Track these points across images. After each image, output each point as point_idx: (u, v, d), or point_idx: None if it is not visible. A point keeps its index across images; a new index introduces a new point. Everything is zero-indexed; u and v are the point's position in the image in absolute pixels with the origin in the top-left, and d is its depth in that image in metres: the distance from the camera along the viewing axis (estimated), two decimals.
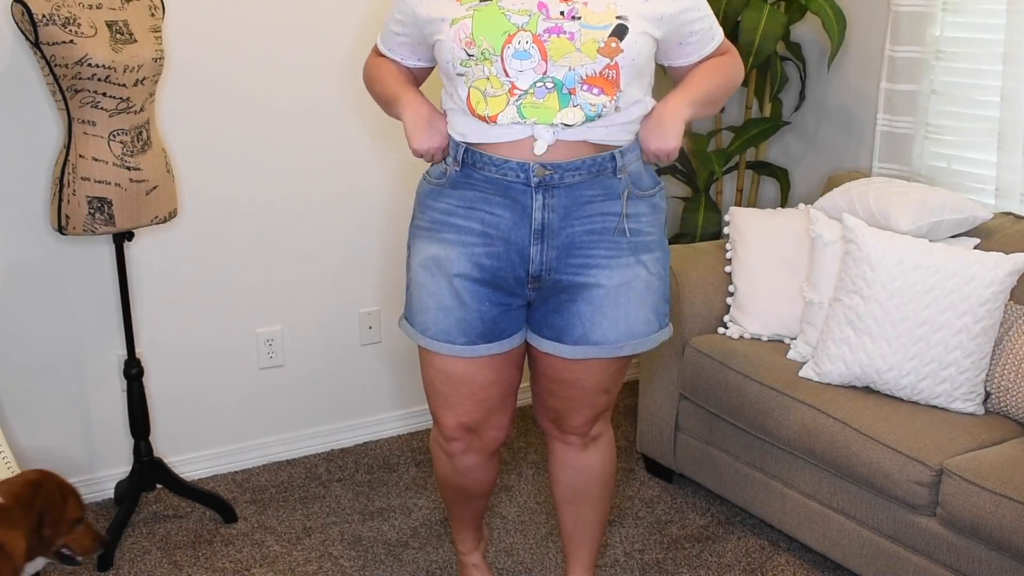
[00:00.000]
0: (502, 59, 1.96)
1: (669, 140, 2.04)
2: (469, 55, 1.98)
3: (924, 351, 2.60)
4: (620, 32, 1.97)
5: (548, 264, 2.09)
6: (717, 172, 3.48)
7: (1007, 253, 2.68)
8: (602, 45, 1.95)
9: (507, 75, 1.97)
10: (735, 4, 3.31)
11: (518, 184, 2.04)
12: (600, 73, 1.97)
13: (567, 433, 2.33)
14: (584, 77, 1.97)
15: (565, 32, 1.95)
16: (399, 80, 2.20)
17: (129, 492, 2.89)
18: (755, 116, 3.64)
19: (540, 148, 2.01)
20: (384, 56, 2.25)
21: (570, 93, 1.98)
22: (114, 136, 2.55)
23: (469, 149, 2.06)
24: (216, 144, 3.07)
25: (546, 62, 1.96)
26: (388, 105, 2.20)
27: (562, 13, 1.95)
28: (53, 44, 2.43)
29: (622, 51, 1.97)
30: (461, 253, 2.10)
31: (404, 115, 2.12)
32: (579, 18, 1.95)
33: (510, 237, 2.08)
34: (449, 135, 2.11)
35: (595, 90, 1.98)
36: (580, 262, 2.09)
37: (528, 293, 2.14)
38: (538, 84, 1.97)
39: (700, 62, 2.16)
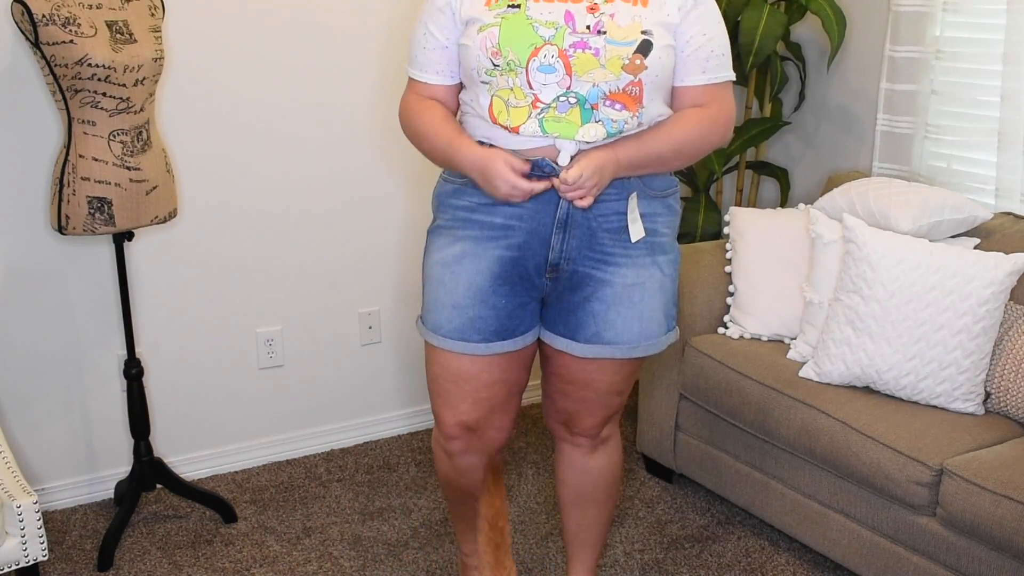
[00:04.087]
0: (527, 71, 1.96)
1: (601, 188, 2.00)
2: (495, 65, 1.98)
3: (924, 351, 2.60)
4: (645, 48, 1.96)
5: (568, 253, 2.09)
6: (717, 172, 3.48)
7: (1007, 253, 2.68)
8: (627, 62, 1.96)
9: (531, 87, 1.97)
10: (735, 4, 3.31)
11: (544, 179, 2.04)
12: (623, 89, 1.98)
13: (577, 435, 2.33)
14: (607, 93, 1.97)
15: (590, 48, 1.95)
16: (453, 131, 2.09)
17: (129, 492, 2.89)
18: (755, 116, 3.64)
19: (564, 159, 2.01)
20: (421, 92, 2.14)
21: (592, 108, 1.98)
22: (114, 136, 2.55)
23: (496, 147, 2.06)
24: (216, 144, 3.07)
25: (570, 77, 1.96)
26: (446, 162, 2.12)
27: (588, 27, 1.95)
28: (53, 44, 2.43)
29: (646, 68, 1.97)
30: (485, 248, 2.10)
31: (489, 172, 2.01)
32: (605, 32, 1.95)
33: (532, 226, 2.08)
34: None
35: (617, 105, 1.99)
36: (599, 256, 2.09)
37: (545, 283, 2.13)
38: (561, 99, 1.97)
39: (683, 93, 2.09)
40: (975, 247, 2.82)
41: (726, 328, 3.05)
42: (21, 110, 2.79)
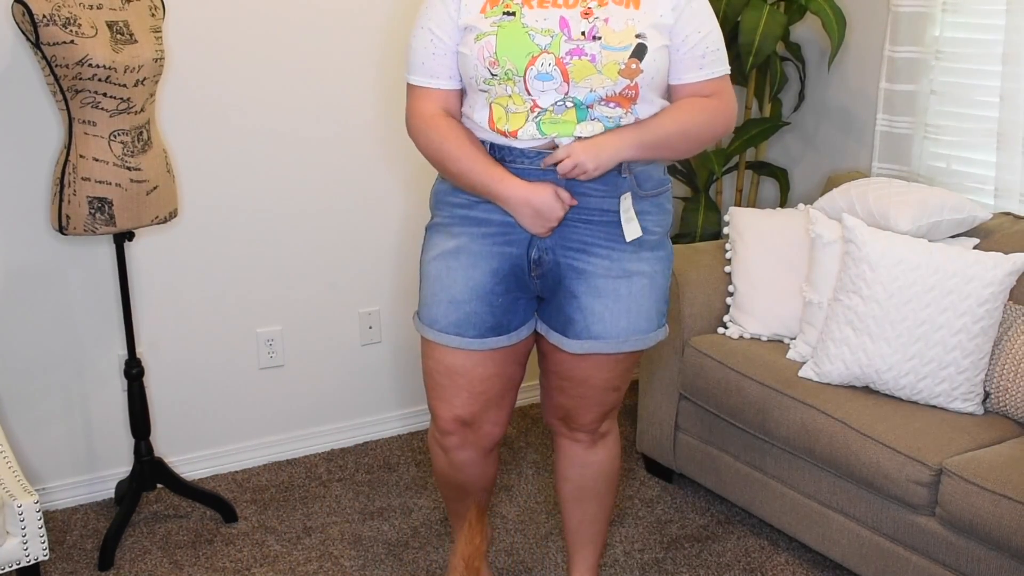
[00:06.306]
0: (524, 80, 1.98)
1: (598, 161, 2.00)
2: (492, 75, 2.00)
3: (923, 351, 2.60)
4: (640, 52, 1.98)
5: (544, 243, 2.11)
6: (717, 172, 3.49)
7: (1006, 253, 2.69)
8: (623, 67, 1.97)
9: (529, 94, 2.00)
10: (735, 4, 3.31)
11: (548, 173, 2.05)
12: (620, 92, 2.00)
13: (576, 431, 2.35)
14: (604, 97, 2.00)
15: (586, 54, 1.96)
16: (487, 161, 2.07)
17: (130, 492, 2.89)
18: (755, 116, 3.64)
19: None
20: (433, 100, 2.11)
21: (588, 108, 2.01)
22: (114, 136, 2.55)
23: (495, 145, 2.08)
24: (216, 144, 3.07)
25: (568, 83, 1.98)
26: (478, 191, 2.09)
27: (583, 33, 1.96)
28: (54, 44, 2.44)
29: (642, 72, 1.99)
30: (482, 246, 2.12)
31: (528, 203, 2.04)
32: (600, 38, 1.96)
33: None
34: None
35: (612, 104, 2.02)
36: (577, 246, 2.11)
37: (535, 282, 2.15)
38: (558, 103, 2.00)
39: (683, 90, 2.09)
40: (974, 247, 2.82)
41: (726, 328, 3.05)
42: (21, 110, 2.79)
